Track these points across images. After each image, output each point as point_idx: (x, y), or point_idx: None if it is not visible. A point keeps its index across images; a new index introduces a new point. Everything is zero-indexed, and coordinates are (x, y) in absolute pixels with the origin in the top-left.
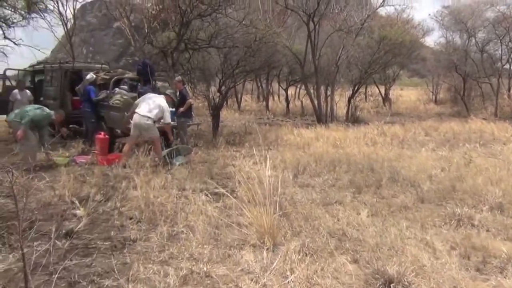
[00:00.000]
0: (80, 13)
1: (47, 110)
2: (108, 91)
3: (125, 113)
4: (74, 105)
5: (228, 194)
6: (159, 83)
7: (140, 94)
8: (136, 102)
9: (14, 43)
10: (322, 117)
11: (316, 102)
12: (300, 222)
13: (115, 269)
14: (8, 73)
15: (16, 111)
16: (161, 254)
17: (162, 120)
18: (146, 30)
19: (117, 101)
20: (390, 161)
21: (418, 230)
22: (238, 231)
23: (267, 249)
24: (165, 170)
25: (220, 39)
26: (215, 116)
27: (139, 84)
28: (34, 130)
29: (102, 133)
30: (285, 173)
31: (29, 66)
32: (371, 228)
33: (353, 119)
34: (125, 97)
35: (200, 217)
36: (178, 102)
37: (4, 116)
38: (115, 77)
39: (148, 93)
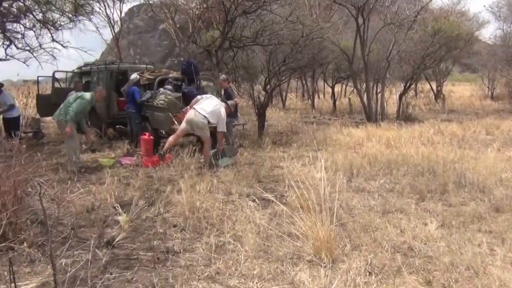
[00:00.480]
0: (128, 16)
1: (87, 95)
2: (152, 92)
3: (169, 113)
4: (120, 106)
5: (277, 202)
6: (203, 82)
7: (185, 94)
8: (198, 97)
9: (62, 45)
10: (372, 115)
11: (365, 100)
12: (359, 234)
13: (157, 286)
14: (57, 75)
15: (61, 106)
16: (206, 269)
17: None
18: (190, 30)
19: (161, 101)
20: (453, 163)
21: (499, 246)
22: (291, 243)
23: (325, 266)
24: (210, 172)
25: (266, 36)
26: (261, 116)
27: (183, 84)
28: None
29: (147, 134)
30: (337, 175)
31: (77, 68)
32: (442, 242)
33: (404, 117)
34: (169, 97)
35: (248, 226)
36: (223, 102)
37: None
38: (160, 77)
39: (213, 96)
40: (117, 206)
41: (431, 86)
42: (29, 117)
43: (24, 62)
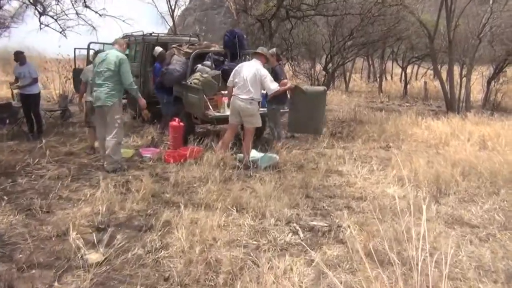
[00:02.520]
0: None
1: None
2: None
3: (204, 96)
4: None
5: (330, 238)
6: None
7: (225, 72)
8: (231, 78)
9: (97, 13)
10: (453, 103)
11: (447, 84)
12: None
13: None
14: (93, 47)
15: (101, 89)
16: None
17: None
18: None
19: (195, 80)
20: None
21: None
22: None
23: None
24: (245, 175)
25: (330, 4)
26: None
27: (226, 59)
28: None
29: (177, 119)
30: (418, 192)
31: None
32: None
33: (492, 106)
34: (205, 75)
35: None
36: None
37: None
38: (195, 51)
39: (246, 63)
40: (95, 233)
41: None
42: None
43: (61, 33)
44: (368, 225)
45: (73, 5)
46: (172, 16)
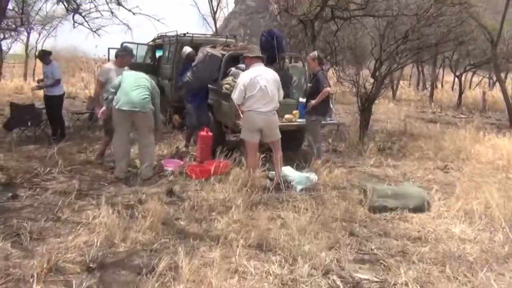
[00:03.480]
0: None
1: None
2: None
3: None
4: None
5: None
6: (290, 63)
7: None
8: (240, 94)
9: (131, 11)
10: None
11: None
12: None
13: None
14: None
15: (136, 92)
16: None
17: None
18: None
19: (227, 85)
20: None
21: None
22: None
23: None
24: (274, 199)
25: (381, 3)
26: (365, 111)
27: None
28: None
29: (205, 129)
30: (493, 234)
31: (152, 40)
32: None
33: None
34: (235, 80)
35: None
36: (310, 91)
37: None
38: (228, 53)
39: (259, 67)
40: (82, 274)
41: None
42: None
43: (94, 32)
44: (433, 284)
45: (107, 3)
46: (214, 18)
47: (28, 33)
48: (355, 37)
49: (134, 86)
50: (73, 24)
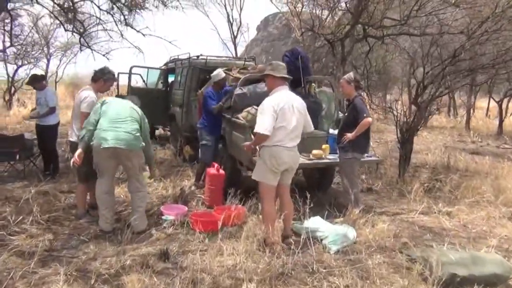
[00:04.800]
0: (263, 25)
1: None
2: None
3: (253, 135)
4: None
5: None
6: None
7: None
8: (270, 123)
9: (140, 32)
10: None
11: None
12: None
13: None
14: (135, 71)
15: (128, 126)
16: None
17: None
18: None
19: (243, 114)
20: None
21: None
22: None
23: None
24: (301, 268)
25: (421, 19)
26: (406, 142)
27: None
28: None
29: (216, 165)
30: None
31: (164, 64)
32: None
33: None
34: (257, 108)
35: None
36: (346, 121)
37: None
38: (244, 77)
39: (281, 91)
40: None
41: None
42: None
43: (104, 55)
44: None
45: (116, 24)
46: (234, 42)
47: (48, 60)
48: (383, 60)
49: (120, 118)
50: (80, 48)
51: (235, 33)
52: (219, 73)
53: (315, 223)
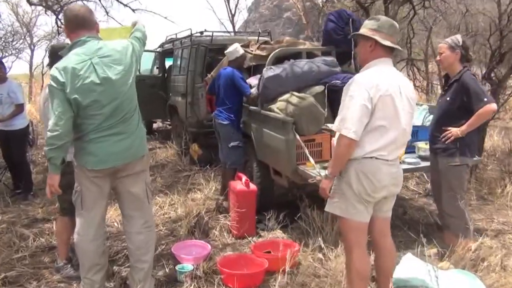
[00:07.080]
0: (254, 6)
1: None
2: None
3: (296, 135)
4: (213, 107)
5: None
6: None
7: (333, 90)
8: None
9: (127, 6)
10: None
11: None
12: None
13: None
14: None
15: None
16: None
17: None
18: None
19: (280, 104)
20: None
21: None
22: None
23: None
24: None
25: None
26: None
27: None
28: None
29: (244, 177)
30: None
31: (159, 46)
32: None
33: None
34: (301, 95)
35: None
36: (447, 109)
37: None
38: (276, 52)
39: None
40: None
41: None
42: None
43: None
44: None
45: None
46: (232, 22)
47: (32, 50)
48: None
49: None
50: (58, 31)
51: (232, 11)
52: (237, 48)
53: (410, 269)
